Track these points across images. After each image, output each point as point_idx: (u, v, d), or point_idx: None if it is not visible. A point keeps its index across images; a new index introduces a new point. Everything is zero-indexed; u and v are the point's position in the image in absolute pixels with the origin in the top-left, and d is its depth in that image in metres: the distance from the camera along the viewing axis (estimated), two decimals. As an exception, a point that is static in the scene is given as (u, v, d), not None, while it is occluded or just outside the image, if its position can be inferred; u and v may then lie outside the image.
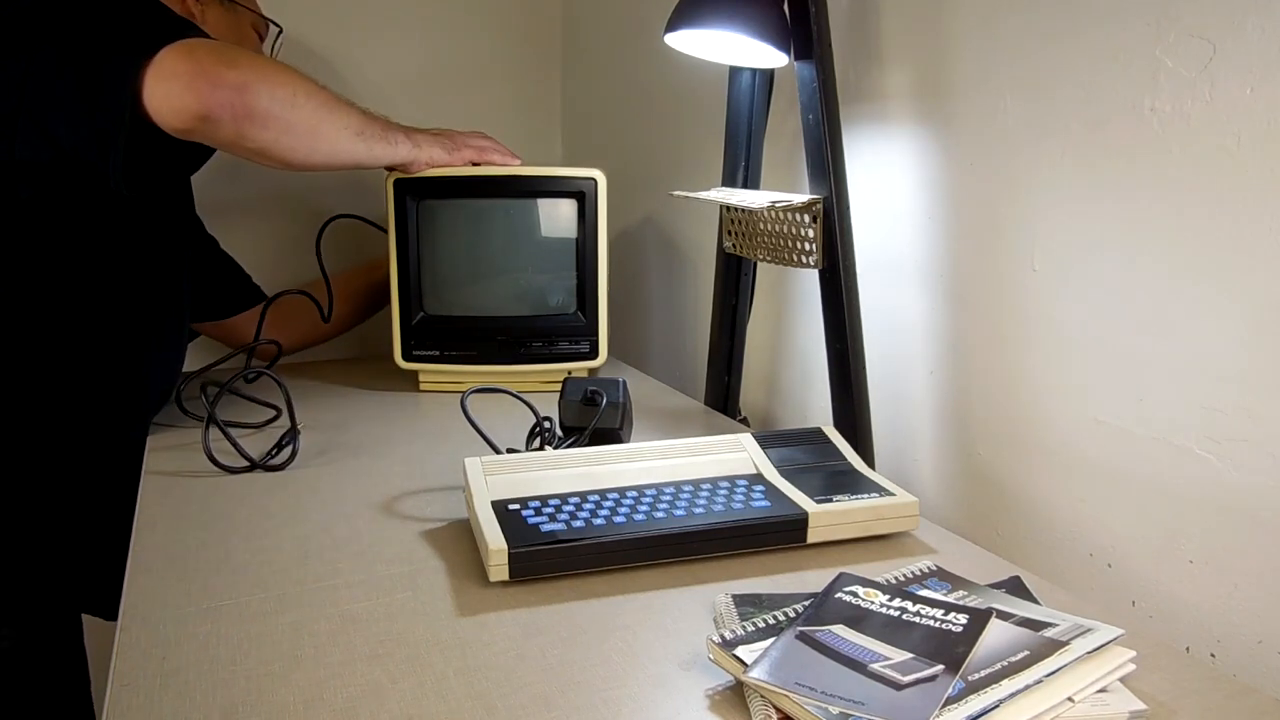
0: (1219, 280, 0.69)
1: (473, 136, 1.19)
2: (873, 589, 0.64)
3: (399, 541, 0.78)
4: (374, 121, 1.04)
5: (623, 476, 0.82)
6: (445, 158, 1.14)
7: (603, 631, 0.64)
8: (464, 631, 0.64)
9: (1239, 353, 0.68)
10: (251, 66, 0.88)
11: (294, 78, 0.93)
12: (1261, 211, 0.65)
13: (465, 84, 1.64)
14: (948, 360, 0.94)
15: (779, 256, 1.01)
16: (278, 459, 0.96)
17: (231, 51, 0.89)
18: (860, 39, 1.00)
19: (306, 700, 0.56)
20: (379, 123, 1.05)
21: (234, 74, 0.86)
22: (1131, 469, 0.76)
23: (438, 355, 1.22)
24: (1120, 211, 0.75)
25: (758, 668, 0.54)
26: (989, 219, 0.87)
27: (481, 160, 1.17)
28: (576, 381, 0.98)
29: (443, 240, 1.21)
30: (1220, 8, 0.67)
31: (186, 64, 0.85)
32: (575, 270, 1.22)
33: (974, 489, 0.92)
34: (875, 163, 1.00)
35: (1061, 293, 0.81)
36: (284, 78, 0.92)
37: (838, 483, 0.82)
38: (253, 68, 0.88)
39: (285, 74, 0.93)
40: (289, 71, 0.93)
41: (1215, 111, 0.68)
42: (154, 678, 0.58)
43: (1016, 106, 0.83)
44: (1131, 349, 0.75)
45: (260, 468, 0.94)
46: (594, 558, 0.72)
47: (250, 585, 0.70)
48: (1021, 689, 0.52)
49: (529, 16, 1.67)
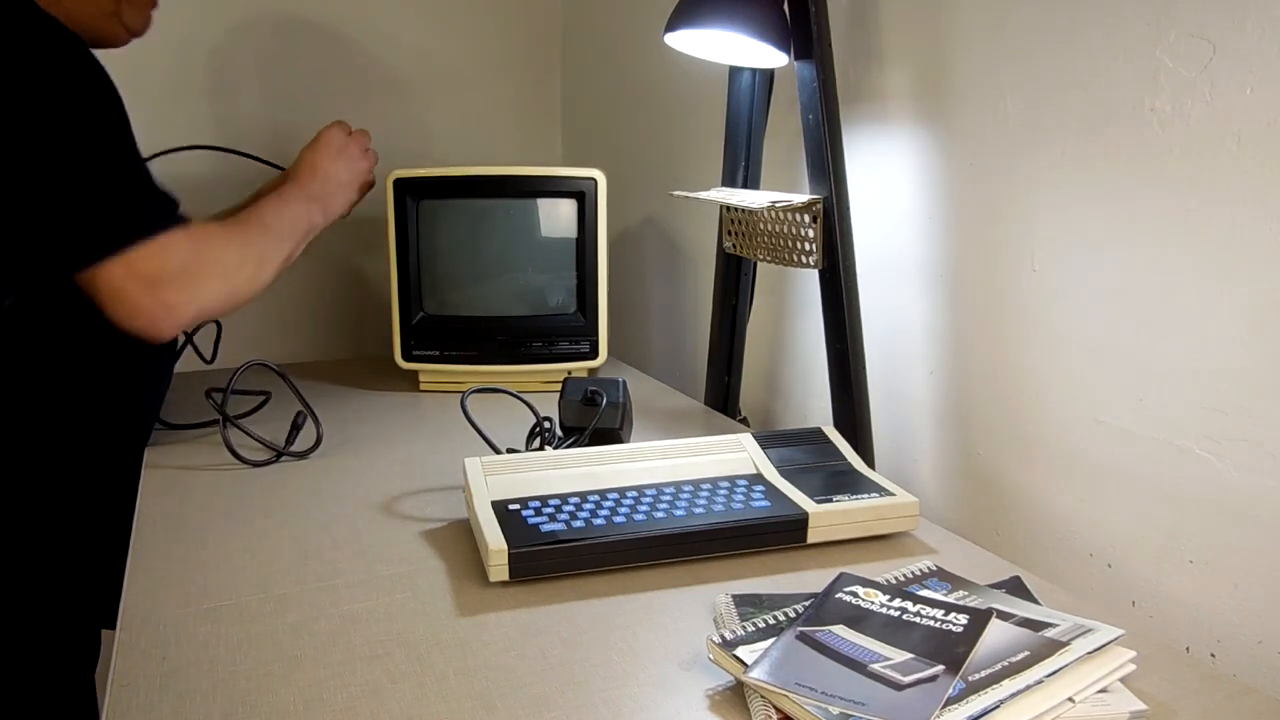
0: (1219, 280, 0.69)
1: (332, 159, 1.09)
2: (873, 589, 0.64)
3: (399, 541, 0.78)
4: (282, 219, 0.99)
5: (623, 476, 0.82)
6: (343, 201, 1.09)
7: (603, 631, 0.64)
8: (464, 631, 0.64)
9: (1239, 353, 0.68)
10: (202, 278, 0.85)
11: (227, 249, 0.89)
12: (1261, 211, 0.65)
13: (465, 84, 1.64)
14: (948, 360, 0.94)
15: (779, 256, 1.01)
16: (298, 446, 0.98)
17: (190, 263, 0.84)
18: (860, 39, 1.00)
19: (306, 700, 0.56)
20: (286, 215, 1.00)
21: (188, 307, 0.84)
22: (1131, 469, 0.76)
23: (438, 355, 1.22)
24: (1120, 211, 0.75)
25: (758, 668, 0.54)
26: (989, 219, 0.87)
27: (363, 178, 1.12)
28: (576, 381, 0.98)
29: (443, 240, 1.21)
30: (1220, 8, 0.67)
31: (146, 299, 0.82)
32: (575, 270, 1.22)
33: (974, 489, 0.92)
34: (875, 163, 1.00)
35: (1061, 293, 0.81)
36: (223, 263, 0.88)
37: (838, 483, 0.82)
38: (202, 279, 0.85)
39: (225, 255, 0.89)
40: (226, 245, 0.89)
41: (1215, 111, 0.68)
42: (154, 678, 0.58)
43: (1016, 106, 0.83)
44: (1131, 349, 0.75)
45: (284, 455, 0.96)
46: (594, 558, 0.72)
47: (250, 586, 0.70)
48: (1022, 689, 0.52)
49: (529, 16, 1.67)
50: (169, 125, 1.43)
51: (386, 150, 1.58)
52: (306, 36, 1.51)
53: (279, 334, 1.56)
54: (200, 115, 1.46)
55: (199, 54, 1.44)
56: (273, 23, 1.48)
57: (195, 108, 1.46)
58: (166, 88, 1.43)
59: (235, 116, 1.49)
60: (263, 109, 1.50)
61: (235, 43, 1.46)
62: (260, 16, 1.47)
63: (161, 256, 0.82)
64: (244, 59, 1.47)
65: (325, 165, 1.08)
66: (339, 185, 1.08)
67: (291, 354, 1.56)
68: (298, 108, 1.52)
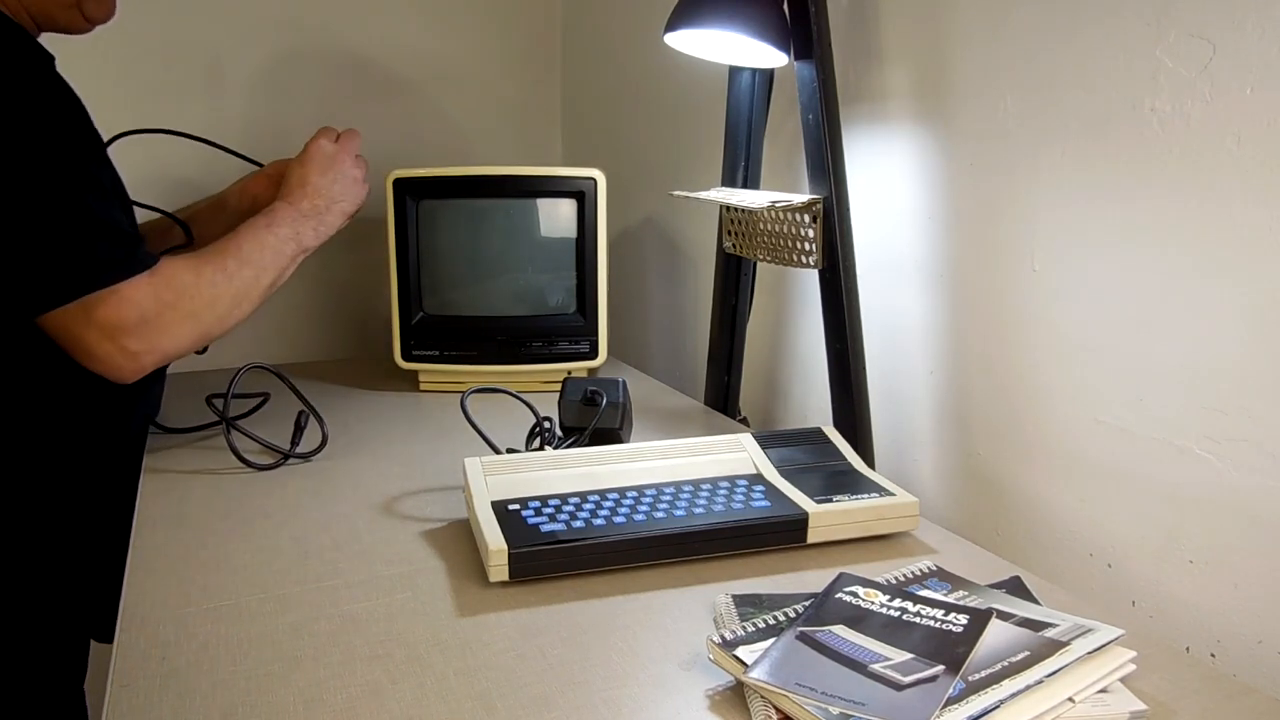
0: (1219, 280, 0.69)
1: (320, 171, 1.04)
2: (873, 589, 0.64)
3: (399, 541, 0.78)
4: (264, 248, 0.95)
5: (623, 476, 0.82)
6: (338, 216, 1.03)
7: (603, 631, 0.64)
8: (464, 631, 0.64)
9: (1239, 353, 0.68)
10: (165, 324, 0.83)
11: (196, 291, 0.86)
12: (1261, 211, 0.65)
13: (465, 84, 1.64)
14: (948, 360, 0.94)
15: (779, 256, 1.01)
16: (302, 447, 0.98)
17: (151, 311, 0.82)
18: (860, 39, 1.00)
19: (306, 701, 0.56)
20: (269, 244, 0.95)
21: (151, 355, 0.83)
22: (1131, 469, 0.76)
23: (437, 355, 1.22)
24: (1120, 211, 0.75)
25: (758, 668, 0.54)
26: (989, 219, 0.87)
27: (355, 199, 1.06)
28: (576, 381, 0.98)
29: (443, 240, 1.21)
30: (1220, 8, 0.67)
31: (106, 345, 0.80)
32: (575, 270, 1.22)
33: (974, 489, 0.92)
34: (875, 163, 1.00)
35: (1061, 293, 0.81)
36: (190, 305, 0.85)
37: (838, 483, 0.82)
38: (166, 325, 0.83)
39: (193, 297, 0.86)
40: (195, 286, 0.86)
41: (1215, 111, 0.68)
42: (154, 678, 0.58)
43: (1016, 106, 0.83)
44: (1131, 349, 0.75)
45: (291, 458, 0.96)
46: (594, 558, 0.72)
47: (250, 586, 0.70)
48: (1022, 689, 0.52)
49: (529, 16, 1.67)
50: (167, 124, 1.43)
51: (386, 150, 1.59)
52: (306, 36, 1.51)
53: (278, 334, 1.56)
54: (200, 115, 1.46)
55: (198, 53, 1.44)
56: (273, 22, 1.48)
57: (195, 107, 1.46)
58: (166, 87, 1.42)
59: (235, 116, 1.49)
60: (263, 109, 1.50)
61: (235, 42, 1.46)
62: (260, 16, 1.47)
63: (121, 306, 0.81)
64: (244, 59, 1.47)
65: (315, 180, 1.02)
66: (330, 200, 1.02)
67: (291, 354, 1.56)
68: (298, 107, 1.52)
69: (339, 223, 1.04)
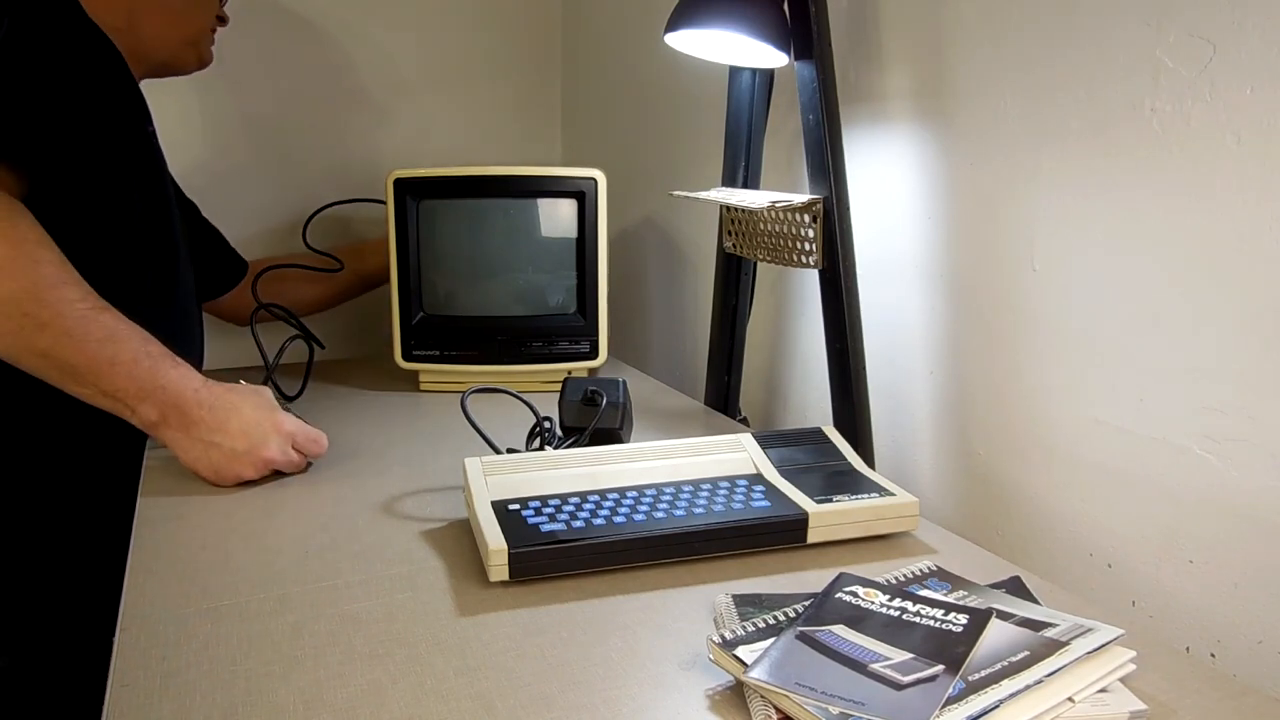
0: (1219, 280, 0.69)
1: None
2: (873, 589, 0.64)
3: (399, 541, 0.78)
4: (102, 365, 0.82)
5: (623, 476, 0.82)
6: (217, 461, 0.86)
7: (603, 631, 0.64)
8: (464, 631, 0.64)
9: (1239, 353, 0.68)
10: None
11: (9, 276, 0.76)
12: (1261, 212, 0.65)
13: (465, 84, 1.64)
14: (948, 360, 0.94)
15: (779, 256, 1.01)
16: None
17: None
18: (860, 39, 1.00)
19: (306, 701, 0.56)
20: (117, 372, 0.82)
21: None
22: (1131, 469, 0.76)
23: (438, 355, 1.22)
24: (1120, 212, 0.75)
25: (758, 668, 0.54)
26: (989, 219, 0.87)
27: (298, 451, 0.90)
28: (576, 381, 0.98)
29: (443, 240, 1.21)
30: (1220, 8, 0.67)
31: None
32: (575, 270, 1.22)
33: (974, 489, 0.92)
34: (875, 163, 1.00)
35: (1061, 293, 0.81)
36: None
37: (838, 483, 0.82)
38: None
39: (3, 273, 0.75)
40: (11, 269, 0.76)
41: (1215, 111, 0.68)
42: (154, 678, 0.58)
43: (1016, 106, 0.83)
44: (1131, 349, 0.75)
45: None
46: (594, 558, 0.72)
47: (250, 586, 0.70)
48: (1022, 689, 0.52)
49: (529, 16, 1.67)
50: (167, 124, 1.43)
51: (387, 150, 1.59)
52: (306, 36, 1.51)
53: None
54: (200, 115, 1.46)
55: (199, 54, 1.44)
56: (273, 22, 1.48)
57: (194, 107, 1.46)
58: (165, 87, 1.42)
59: (235, 116, 1.49)
60: (263, 108, 1.50)
61: (235, 42, 1.46)
62: (261, 16, 1.47)
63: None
64: (244, 58, 1.47)
65: (237, 405, 0.83)
66: (224, 440, 0.82)
67: (291, 354, 1.56)
68: (298, 107, 1.52)
69: (206, 469, 0.85)
